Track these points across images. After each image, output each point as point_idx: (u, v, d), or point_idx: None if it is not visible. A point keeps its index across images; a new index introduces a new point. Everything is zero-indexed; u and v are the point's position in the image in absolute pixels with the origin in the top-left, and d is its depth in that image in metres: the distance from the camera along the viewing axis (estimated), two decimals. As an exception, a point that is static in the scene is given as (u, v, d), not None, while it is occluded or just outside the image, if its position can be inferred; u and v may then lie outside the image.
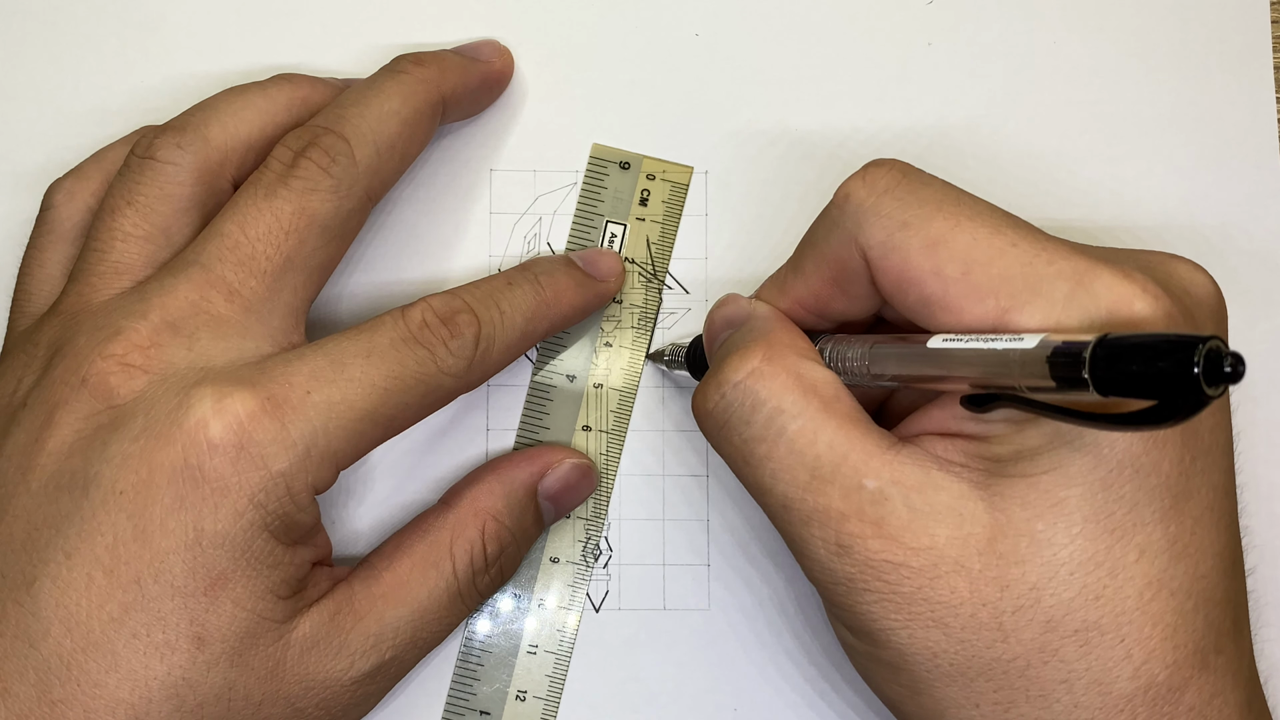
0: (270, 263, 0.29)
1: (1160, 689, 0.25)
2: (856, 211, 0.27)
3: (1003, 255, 0.25)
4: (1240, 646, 0.26)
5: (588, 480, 0.34)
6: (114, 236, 0.30)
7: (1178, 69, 0.36)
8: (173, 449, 0.26)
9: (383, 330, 0.29)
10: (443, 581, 0.30)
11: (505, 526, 0.32)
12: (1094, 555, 0.24)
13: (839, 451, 0.26)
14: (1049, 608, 0.25)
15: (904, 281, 0.26)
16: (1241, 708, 0.26)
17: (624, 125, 0.36)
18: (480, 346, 0.30)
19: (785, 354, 0.27)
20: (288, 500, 0.27)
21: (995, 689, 0.25)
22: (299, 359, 0.28)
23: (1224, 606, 0.26)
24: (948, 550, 0.25)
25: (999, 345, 0.24)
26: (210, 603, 0.26)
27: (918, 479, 0.25)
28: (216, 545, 0.26)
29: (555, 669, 0.34)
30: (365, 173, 0.30)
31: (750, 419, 0.27)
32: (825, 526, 0.26)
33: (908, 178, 0.27)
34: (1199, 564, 0.25)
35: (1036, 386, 0.23)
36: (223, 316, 0.28)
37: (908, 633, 0.26)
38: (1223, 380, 0.20)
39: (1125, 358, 0.21)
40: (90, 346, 0.28)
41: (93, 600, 0.26)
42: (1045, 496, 0.24)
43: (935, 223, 0.26)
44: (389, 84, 0.32)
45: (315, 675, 0.28)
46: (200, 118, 0.31)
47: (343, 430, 0.27)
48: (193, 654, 0.26)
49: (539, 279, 0.32)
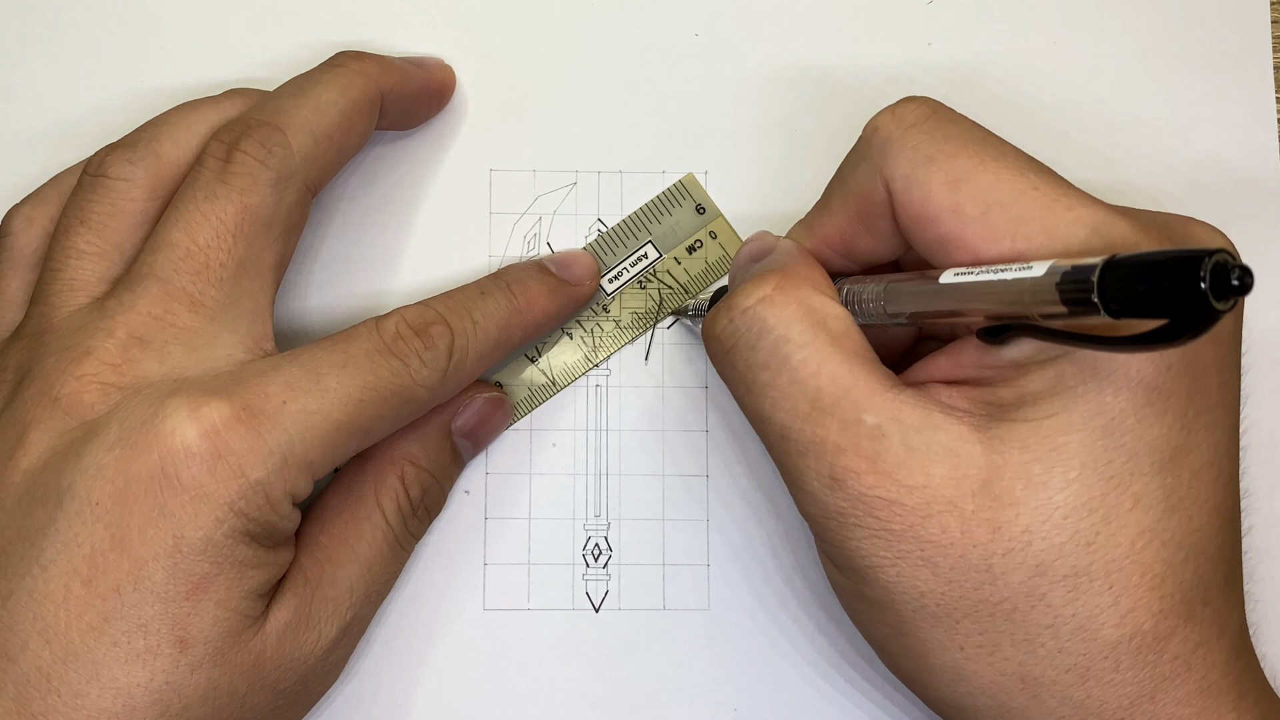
0: (225, 269, 0.29)
1: (1145, 637, 0.25)
2: (883, 144, 0.27)
3: (1023, 197, 0.25)
4: (1230, 600, 0.26)
5: (502, 412, 0.34)
6: (68, 255, 0.30)
7: (1178, 69, 0.36)
8: (149, 458, 0.26)
9: (357, 341, 0.29)
10: (379, 532, 0.31)
11: (423, 468, 0.32)
12: (1089, 501, 0.24)
13: (841, 385, 0.26)
14: (1040, 551, 0.25)
15: (923, 218, 0.26)
16: (1228, 657, 0.26)
17: (624, 125, 0.36)
18: (454, 357, 0.30)
19: (799, 285, 0.27)
20: (268, 508, 0.27)
21: (980, 631, 0.25)
22: (274, 369, 0.28)
23: (1216, 561, 0.26)
24: (942, 490, 0.25)
25: (1009, 275, 0.24)
26: (193, 606, 0.26)
27: (918, 418, 0.25)
28: (198, 552, 0.26)
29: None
30: (303, 162, 0.30)
31: (756, 345, 0.27)
32: (820, 458, 0.26)
33: (937, 114, 0.27)
34: (1193, 517, 0.25)
35: (1049, 314, 0.23)
36: (191, 328, 0.28)
37: (895, 570, 0.26)
38: (1231, 293, 0.20)
39: (1133, 277, 0.21)
40: (60, 367, 0.28)
41: (71, 611, 0.26)
42: (1045, 441, 0.25)
43: (959, 160, 0.26)
44: (326, 76, 0.32)
45: (292, 656, 0.29)
46: (151, 133, 0.31)
47: (319, 440, 0.28)
48: (176, 658, 0.26)
49: (511, 287, 0.32)
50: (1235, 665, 0.26)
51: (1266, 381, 0.35)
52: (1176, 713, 0.25)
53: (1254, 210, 0.36)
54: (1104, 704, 0.25)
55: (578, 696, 0.34)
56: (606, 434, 0.35)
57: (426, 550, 0.35)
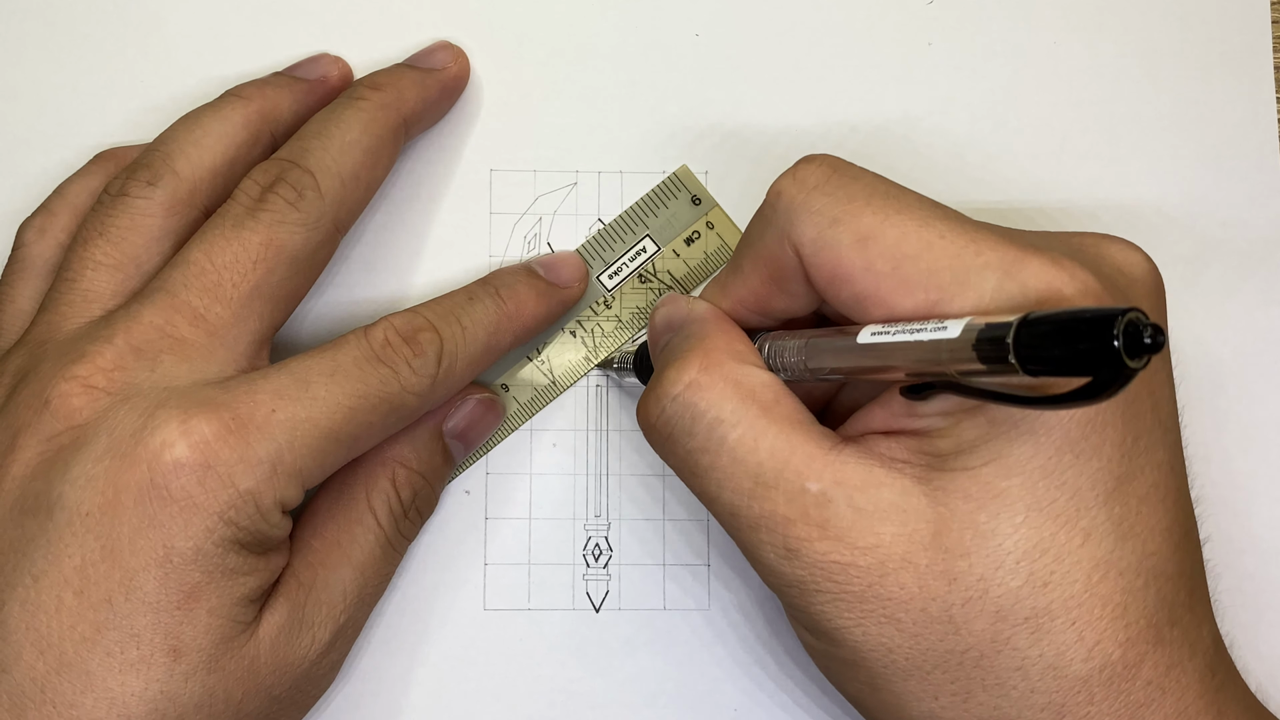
0: (237, 290, 0.29)
1: (1115, 667, 0.25)
2: (788, 209, 0.27)
3: (931, 248, 0.25)
4: (1197, 616, 0.26)
5: (493, 413, 0.34)
6: (84, 265, 0.30)
7: (1178, 69, 0.36)
8: (138, 469, 0.26)
9: (346, 349, 0.29)
10: (371, 535, 0.31)
11: (414, 470, 0.32)
12: (1039, 543, 0.25)
13: (780, 457, 0.26)
14: (997, 598, 0.25)
15: (836, 278, 0.26)
16: (1202, 674, 0.26)
17: (624, 125, 0.36)
18: (443, 364, 0.30)
19: (722, 361, 0.27)
20: (257, 517, 0.27)
21: (951, 680, 0.25)
22: (263, 378, 0.28)
23: (1176, 580, 0.26)
24: (894, 547, 0.25)
25: (925, 335, 0.24)
26: (185, 615, 0.26)
27: (861, 478, 0.26)
28: (188, 561, 0.26)
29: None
30: (332, 205, 0.31)
31: (692, 430, 0.27)
32: (773, 532, 0.26)
33: (838, 173, 0.27)
34: (1146, 542, 0.25)
35: (968, 370, 0.23)
36: (187, 340, 0.28)
37: (861, 630, 0.26)
38: (1144, 351, 0.20)
39: (1047, 337, 0.21)
40: (54, 370, 0.28)
41: (63, 622, 0.26)
42: (986, 488, 0.25)
43: (864, 218, 0.26)
44: (349, 114, 0.32)
45: (286, 660, 0.29)
46: (164, 152, 0.31)
47: (308, 449, 0.28)
48: (170, 667, 0.26)
49: (500, 292, 0.32)
50: (1211, 683, 0.26)
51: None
52: None
53: (1254, 210, 0.36)
54: None
55: (578, 696, 0.34)
56: (606, 434, 0.35)
57: (426, 550, 0.35)
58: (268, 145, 0.33)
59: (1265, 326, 0.35)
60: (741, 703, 0.34)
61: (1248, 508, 0.34)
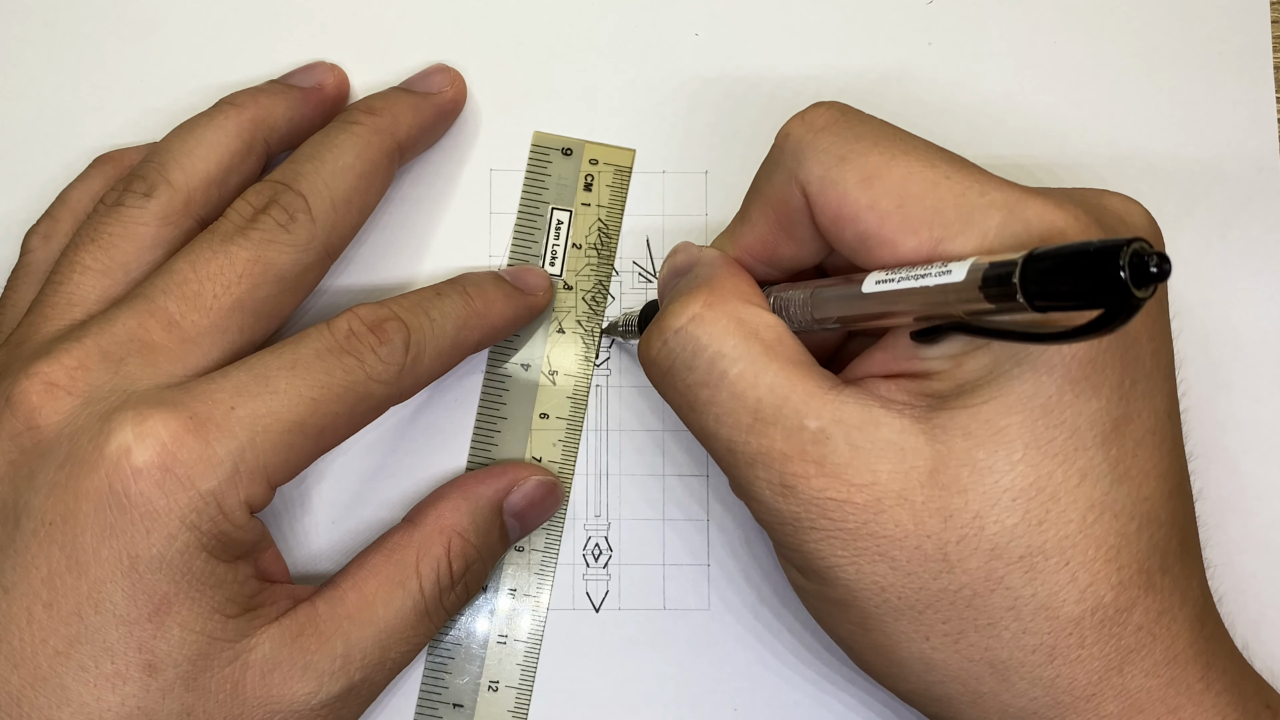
0: (218, 301, 0.29)
1: (1107, 610, 0.25)
2: (796, 149, 0.27)
3: (936, 187, 0.25)
4: (1188, 566, 0.26)
5: (553, 497, 0.34)
6: (72, 269, 0.30)
7: (1178, 69, 0.36)
8: (96, 476, 0.26)
9: (307, 342, 0.29)
10: (409, 600, 0.30)
11: (470, 543, 0.32)
12: (1035, 481, 0.25)
13: (780, 394, 0.26)
14: (992, 535, 0.25)
15: (841, 217, 0.26)
16: (1192, 624, 0.26)
17: (624, 125, 0.36)
18: (410, 353, 0.30)
19: (727, 299, 0.28)
20: (221, 519, 0.27)
21: (944, 620, 0.26)
22: (222, 376, 0.28)
23: (1169, 528, 0.26)
24: (890, 484, 0.25)
25: (931, 280, 0.24)
26: (156, 628, 0.26)
27: (859, 417, 0.26)
28: (154, 569, 0.26)
29: (526, 658, 0.34)
30: (323, 229, 0.31)
31: (692, 364, 0.27)
32: (769, 468, 0.26)
33: (846, 116, 0.28)
34: (1141, 486, 0.25)
35: (976, 310, 0.23)
36: (157, 345, 0.28)
37: (855, 568, 0.26)
38: (1150, 280, 0.20)
39: (1053, 272, 0.21)
40: (20, 368, 0.28)
41: (35, 635, 0.26)
42: (986, 425, 0.25)
43: (870, 157, 0.26)
44: (343, 138, 0.32)
45: (280, 698, 0.28)
46: (158, 163, 0.31)
47: (270, 443, 0.27)
48: (145, 682, 0.26)
49: (468, 289, 0.32)
50: (1201, 633, 0.26)
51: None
52: (1145, 684, 0.25)
53: (1254, 210, 0.36)
54: (1073, 680, 0.25)
55: (578, 696, 0.34)
56: (606, 434, 0.35)
57: (426, 550, 0.34)
58: (262, 153, 0.33)
59: (1266, 326, 0.35)
60: (741, 703, 0.34)
61: (1249, 507, 0.34)
